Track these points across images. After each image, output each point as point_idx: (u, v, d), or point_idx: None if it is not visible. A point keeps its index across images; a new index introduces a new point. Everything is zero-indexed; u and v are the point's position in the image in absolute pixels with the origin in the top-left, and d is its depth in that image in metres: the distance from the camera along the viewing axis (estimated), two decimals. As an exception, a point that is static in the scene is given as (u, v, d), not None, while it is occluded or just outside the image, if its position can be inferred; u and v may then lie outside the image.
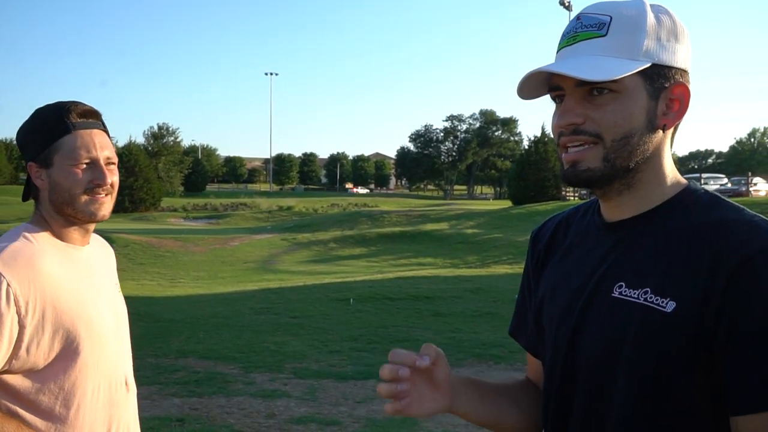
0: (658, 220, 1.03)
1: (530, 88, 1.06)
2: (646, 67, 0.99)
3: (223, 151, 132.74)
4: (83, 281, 1.56)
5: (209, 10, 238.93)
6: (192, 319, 9.38)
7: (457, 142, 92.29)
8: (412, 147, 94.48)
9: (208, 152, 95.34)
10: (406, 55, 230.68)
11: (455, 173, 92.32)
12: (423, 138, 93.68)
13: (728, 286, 0.91)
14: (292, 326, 8.98)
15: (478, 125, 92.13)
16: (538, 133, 38.74)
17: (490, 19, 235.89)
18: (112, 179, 1.59)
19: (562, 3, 47.40)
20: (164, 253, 20.86)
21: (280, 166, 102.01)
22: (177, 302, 11.47)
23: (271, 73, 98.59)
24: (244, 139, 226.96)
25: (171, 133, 67.01)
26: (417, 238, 23.53)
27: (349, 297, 10.87)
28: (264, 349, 7.53)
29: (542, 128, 39.10)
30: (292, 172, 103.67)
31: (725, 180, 36.44)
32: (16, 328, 1.41)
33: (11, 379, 1.45)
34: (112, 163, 1.60)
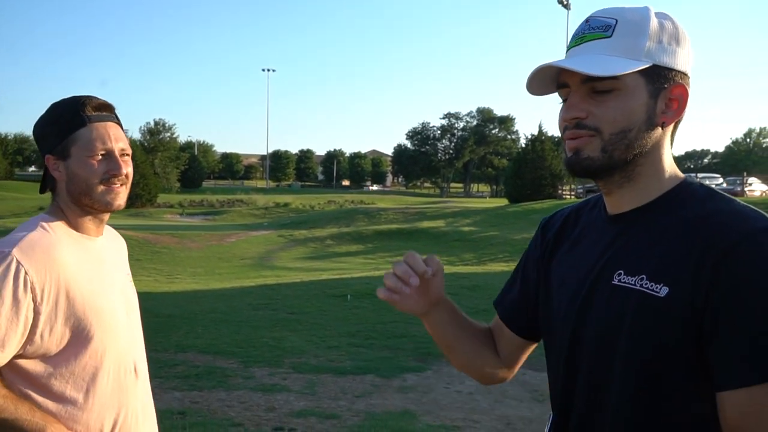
0: (656, 212, 1.10)
1: (539, 83, 1.13)
2: (647, 66, 1.05)
3: (220, 148, 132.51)
4: (96, 271, 1.62)
5: (206, 6, 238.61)
6: (190, 315, 9.43)
7: (454, 140, 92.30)
8: (409, 144, 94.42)
9: (205, 148, 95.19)
10: (404, 52, 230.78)
11: (452, 171, 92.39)
12: (420, 135, 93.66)
13: (714, 270, 0.98)
14: (290, 322, 9.03)
15: (475, 123, 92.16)
16: (535, 132, 38.79)
17: (488, 18, 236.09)
18: (127, 170, 1.65)
19: (560, 2, 47.44)
20: (161, 249, 20.88)
21: (277, 163, 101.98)
22: (174, 298, 11.52)
23: (268, 70, 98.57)
24: (241, 136, 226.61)
25: (167, 129, 66.96)
26: (414, 236, 23.60)
27: (347, 293, 10.92)
28: (263, 344, 7.59)
29: (539, 126, 39.25)
30: (288, 169, 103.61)
31: (720, 180, 36.62)
32: (32, 315, 1.47)
33: (25, 364, 1.51)
34: (127, 155, 1.66)
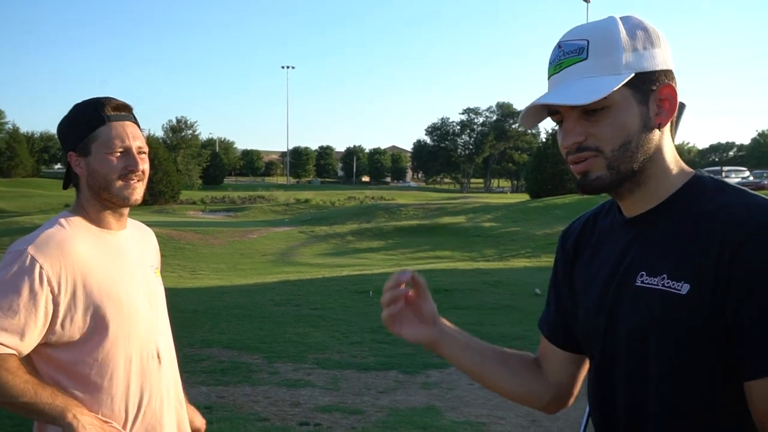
0: (669, 211, 1.11)
1: (532, 117, 1.17)
2: (630, 78, 1.06)
3: (241, 145, 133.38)
4: (114, 262, 1.71)
5: (227, 4, 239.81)
6: (214, 310, 9.53)
7: (474, 135, 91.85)
8: (428, 140, 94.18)
9: (226, 145, 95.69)
10: (423, 47, 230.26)
11: (472, 166, 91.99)
12: (439, 131, 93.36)
13: (732, 263, 0.99)
14: (313, 318, 9.09)
15: (495, 118, 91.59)
16: (556, 126, 38.35)
17: (507, 12, 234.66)
18: (144, 166, 1.75)
19: (580, -5, 47.05)
20: (184, 245, 21.10)
21: (297, 159, 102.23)
22: (198, 293, 11.64)
23: (288, 67, 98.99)
24: (262, 133, 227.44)
25: (189, 126, 67.47)
26: (434, 232, 23.58)
27: (368, 289, 10.97)
28: (286, 340, 7.65)
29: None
30: (308, 165, 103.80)
31: (747, 173, 36.09)
32: (51, 306, 1.58)
33: (53, 352, 1.63)
34: (144, 152, 1.76)
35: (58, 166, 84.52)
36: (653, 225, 1.12)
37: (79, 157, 1.71)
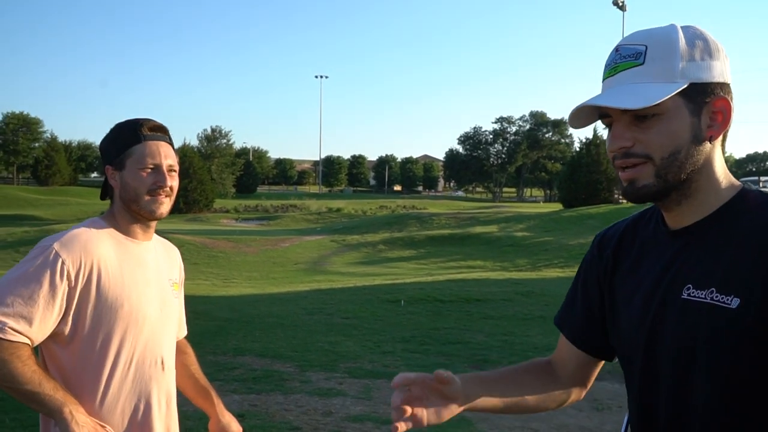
0: (717, 224, 1.09)
1: (581, 118, 1.15)
2: (684, 87, 1.05)
3: (274, 153, 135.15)
4: (131, 268, 1.81)
5: (261, 14, 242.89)
6: (247, 318, 9.60)
7: (507, 144, 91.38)
8: (460, 149, 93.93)
9: (259, 154, 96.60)
10: (456, 56, 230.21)
11: (504, 175, 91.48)
12: (472, 140, 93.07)
13: None
14: (345, 327, 9.10)
15: (528, 127, 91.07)
16: (590, 135, 38.07)
17: (541, 20, 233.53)
18: (172, 183, 1.86)
19: (615, 3, 46.53)
20: (217, 253, 21.36)
21: (329, 168, 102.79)
22: (231, 302, 11.74)
23: (322, 76, 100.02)
24: (294, 141, 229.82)
25: (223, 135, 68.21)
26: (466, 241, 23.49)
27: (400, 299, 10.94)
28: (318, 349, 7.67)
29: (594, 130, 38.30)
30: (340, 174, 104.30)
31: (786, 183, 35.20)
32: (66, 299, 1.70)
33: (54, 348, 1.73)
34: (174, 171, 1.88)
35: (94, 174, 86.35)
36: (700, 238, 1.10)
37: (115, 171, 1.84)
